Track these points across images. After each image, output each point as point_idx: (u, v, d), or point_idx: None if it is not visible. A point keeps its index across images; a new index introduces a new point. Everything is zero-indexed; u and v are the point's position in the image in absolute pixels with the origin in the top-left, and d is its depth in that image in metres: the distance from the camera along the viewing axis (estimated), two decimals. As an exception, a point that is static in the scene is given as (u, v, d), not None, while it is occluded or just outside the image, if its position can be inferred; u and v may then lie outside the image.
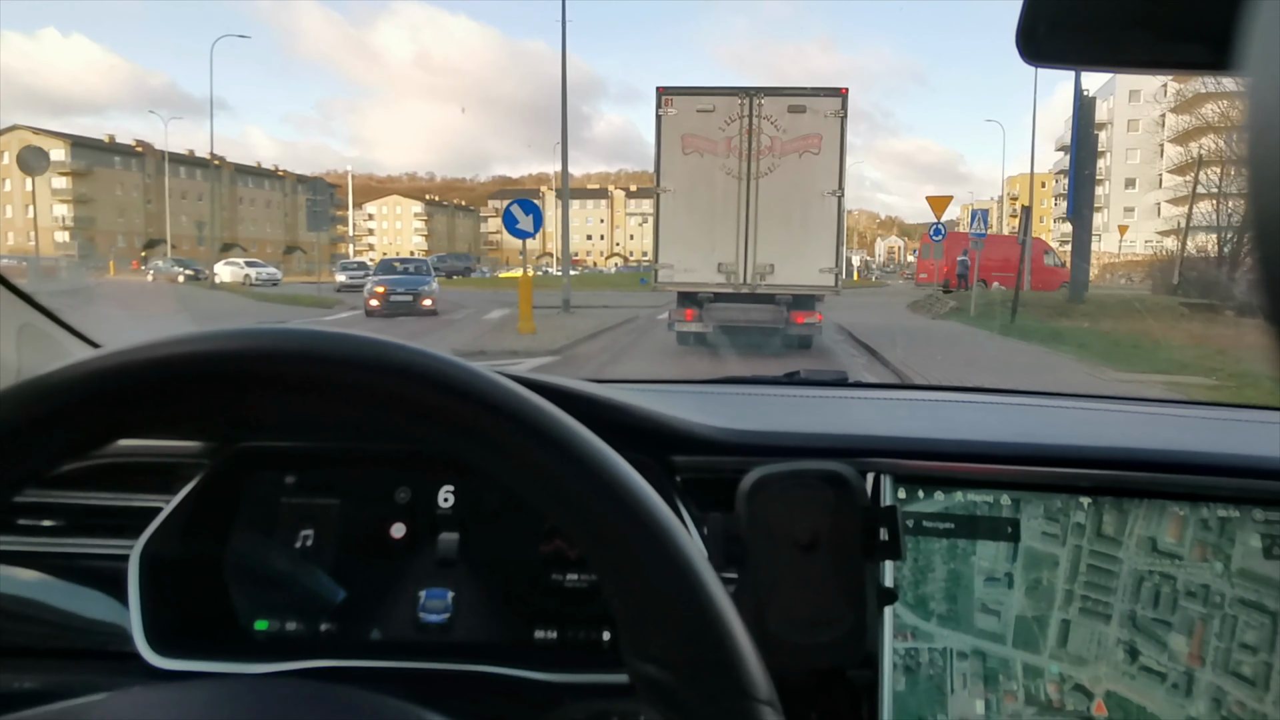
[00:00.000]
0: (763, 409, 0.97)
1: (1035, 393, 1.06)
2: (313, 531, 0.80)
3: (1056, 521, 0.74)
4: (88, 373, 0.33)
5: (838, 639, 0.67)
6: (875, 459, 0.75)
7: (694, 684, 0.32)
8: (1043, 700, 0.72)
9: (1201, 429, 0.88)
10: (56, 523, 0.81)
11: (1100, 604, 0.72)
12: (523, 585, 0.78)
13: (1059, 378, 7.36)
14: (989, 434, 0.81)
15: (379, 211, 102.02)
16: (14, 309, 0.84)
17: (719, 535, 0.68)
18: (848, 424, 0.87)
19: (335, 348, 0.34)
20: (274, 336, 0.34)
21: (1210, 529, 0.70)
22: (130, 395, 0.33)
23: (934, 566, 0.76)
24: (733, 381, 1.15)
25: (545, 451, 0.34)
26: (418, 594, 0.78)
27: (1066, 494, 0.74)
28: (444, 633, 0.77)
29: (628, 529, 0.33)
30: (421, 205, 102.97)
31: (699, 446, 0.79)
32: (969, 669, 0.74)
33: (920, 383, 1.10)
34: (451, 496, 0.81)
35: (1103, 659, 0.71)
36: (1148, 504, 0.72)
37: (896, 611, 0.75)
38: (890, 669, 0.75)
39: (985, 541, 0.75)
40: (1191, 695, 0.68)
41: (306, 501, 0.81)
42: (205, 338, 0.34)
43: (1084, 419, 0.94)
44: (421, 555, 0.79)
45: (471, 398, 0.34)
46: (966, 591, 0.75)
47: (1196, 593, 0.69)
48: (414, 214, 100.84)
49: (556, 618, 0.77)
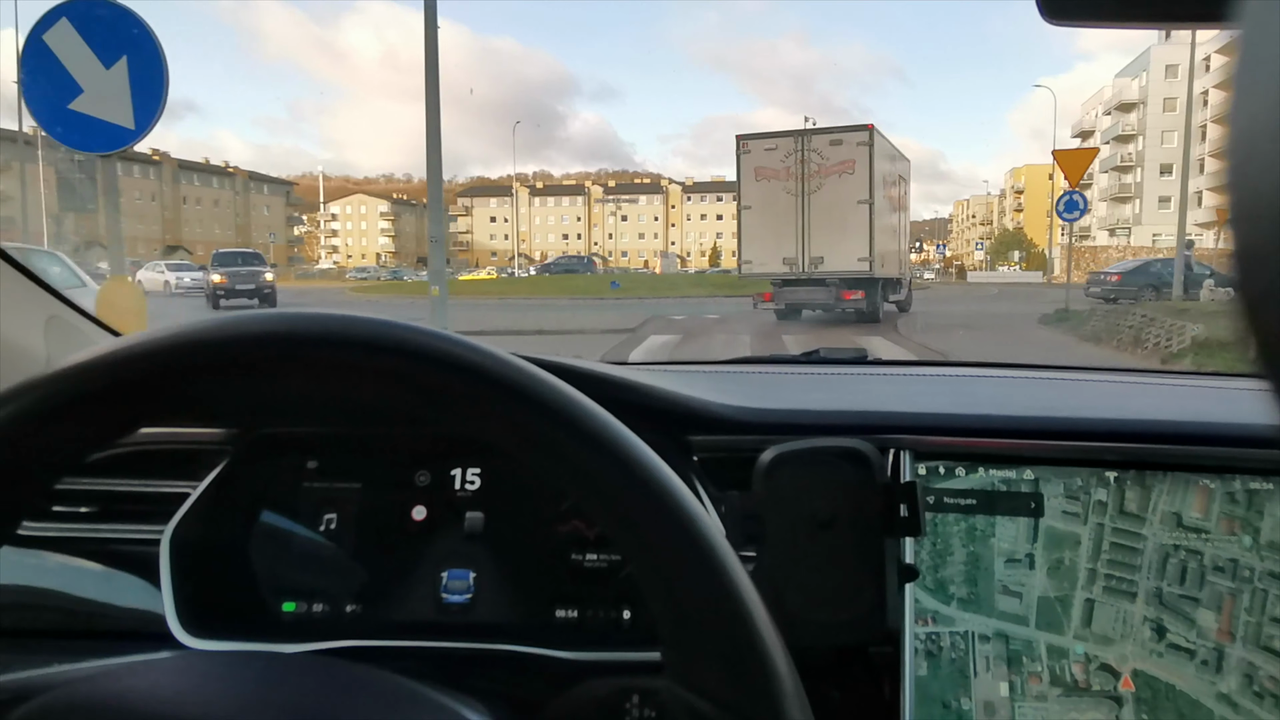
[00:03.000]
0: (780, 387, 1.00)
1: (1059, 367, 1.09)
2: (335, 515, 0.84)
3: (1077, 500, 0.76)
4: (131, 354, 0.35)
5: (858, 616, 0.69)
6: (895, 435, 0.78)
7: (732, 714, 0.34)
8: (1068, 681, 0.74)
9: (1235, 400, 0.89)
10: (90, 509, 0.87)
11: (1125, 582, 0.74)
12: (543, 565, 0.82)
13: None
14: (1011, 409, 0.83)
15: (343, 211, 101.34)
16: (42, 302, 0.88)
17: (736, 514, 0.70)
18: (866, 400, 0.89)
19: (351, 330, 0.35)
20: (285, 320, 0.36)
21: (1238, 502, 0.72)
22: (178, 376, 0.35)
23: (953, 549, 0.78)
24: (750, 361, 1.18)
25: (586, 450, 0.35)
26: (439, 575, 0.82)
27: (1092, 469, 0.76)
28: (466, 613, 0.81)
29: (666, 533, 0.35)
30: (388, 204, 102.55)
31: (716, 425, 0.82)
32: (992, 652, 0.76)
33: (941, 360, 1.14)
34: (471, 479, 0.85)
35: (1129, 638, 0.73)
36: (1172, 478, 0.74)
37: (916, 596, 0.77)
38: (911, 653, 0.77)
39: (1005, 522, 0.77)
40: (1222, 671, 0.70)
41: (328, 486, 0.85)
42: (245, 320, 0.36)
43: (1111, 392, 0.96)
44: (442, 537, 0.83)
45: (505, 388, 0.35)
46: (987, 574, 0.77)
47: (1224, 567, 0.71)
48: (380, 213, 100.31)
49: (577, 597, 0.81)
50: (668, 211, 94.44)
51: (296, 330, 0.35)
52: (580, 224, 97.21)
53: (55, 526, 0.86)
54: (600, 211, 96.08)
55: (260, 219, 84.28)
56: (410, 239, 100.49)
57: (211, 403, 0.36)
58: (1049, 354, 9.87)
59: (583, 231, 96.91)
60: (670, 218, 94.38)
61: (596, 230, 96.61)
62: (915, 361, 1.18)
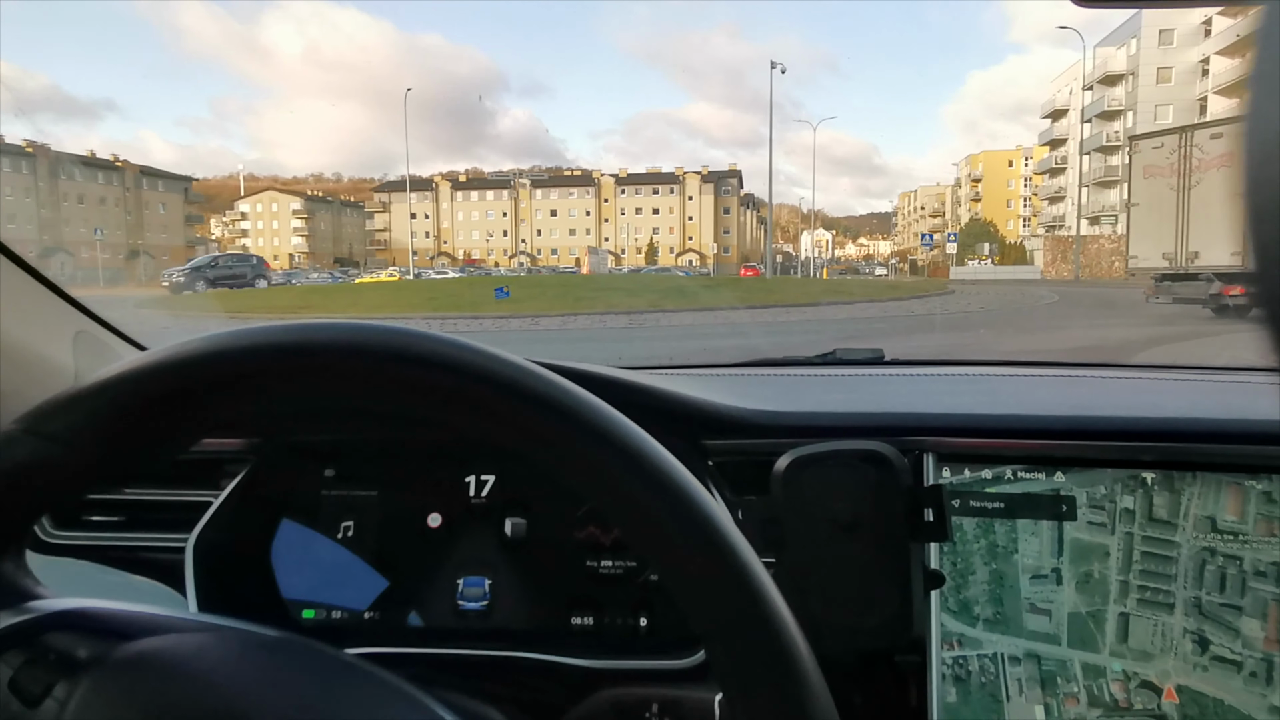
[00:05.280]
0: (797, 390, 1.01)
1: (1087, 364, 1.09)
2: (353, 522, 0.88)
3: (1102, 509, 0.74)
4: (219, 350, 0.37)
5: (883, 622, 0.69)
6: (916, 437, 0.78)
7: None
8: (1108, 701, 0.72)
9: (1272, 395, 0.88)
10: (118, 518, 0.92)
11: (1160, 593, 0.72)
12: (559, 572, 0.85)
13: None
14: (1037, 407, 0.82)
15: (253, 210, 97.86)
16: (69, 316, 0.92)
17: (756, 520, 0.70)
18: (886, 402, 0.89)
19: (373, 340, 0.37)
20: (295, 332, 0.37)
21: (1275, 501, 0.71)
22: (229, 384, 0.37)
23: (974, 568, 0.76)
24: (766, 364, 1.20)
25: (612, 459, 0.36)
26: (456, 581, 0.86)
27: (1122, 469, 0.74)
28: (483, 619, 0.84)
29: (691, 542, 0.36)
30: (300, 202, 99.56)
31: (732, 429, 0.84)
32: (1024, 674, 0.74)
33: (961, 359, 1.13)
34: (487, 486, 0.88)
35: (1169, 652, 0.71)
36: (1202, 480, 0.73)
37: (941, 620, 0.74)
38: (939, 679, 0.74)
39: (1027, 535, 0.75)
40: (1272, 683, 0.69)
41: (346, 493, 0.89)
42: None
43: (1142, 389, 0.96)
44: (459, 543, 0.87)
45: (521, 394, 0.36)
46: (1012, 592, 0.75)
47: (1266, 571, 0.70)
48: (292, 211, 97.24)
49: (593, 604, 0.84)
50: (600, 206, 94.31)
51: (306, 341, 0.37)
52: (507, 220, 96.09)
53: (89, 536, 0.91)
54: (528, 207, 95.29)
55: (155, 218, 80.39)
56: (326, 238, 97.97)
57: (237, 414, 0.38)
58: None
59: (509, 228, 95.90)
60: (603, 212, 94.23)
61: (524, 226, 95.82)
62: (934, 361, 1.17)
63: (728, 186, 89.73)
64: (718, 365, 1.18)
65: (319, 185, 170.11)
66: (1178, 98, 45.34)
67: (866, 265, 79.81)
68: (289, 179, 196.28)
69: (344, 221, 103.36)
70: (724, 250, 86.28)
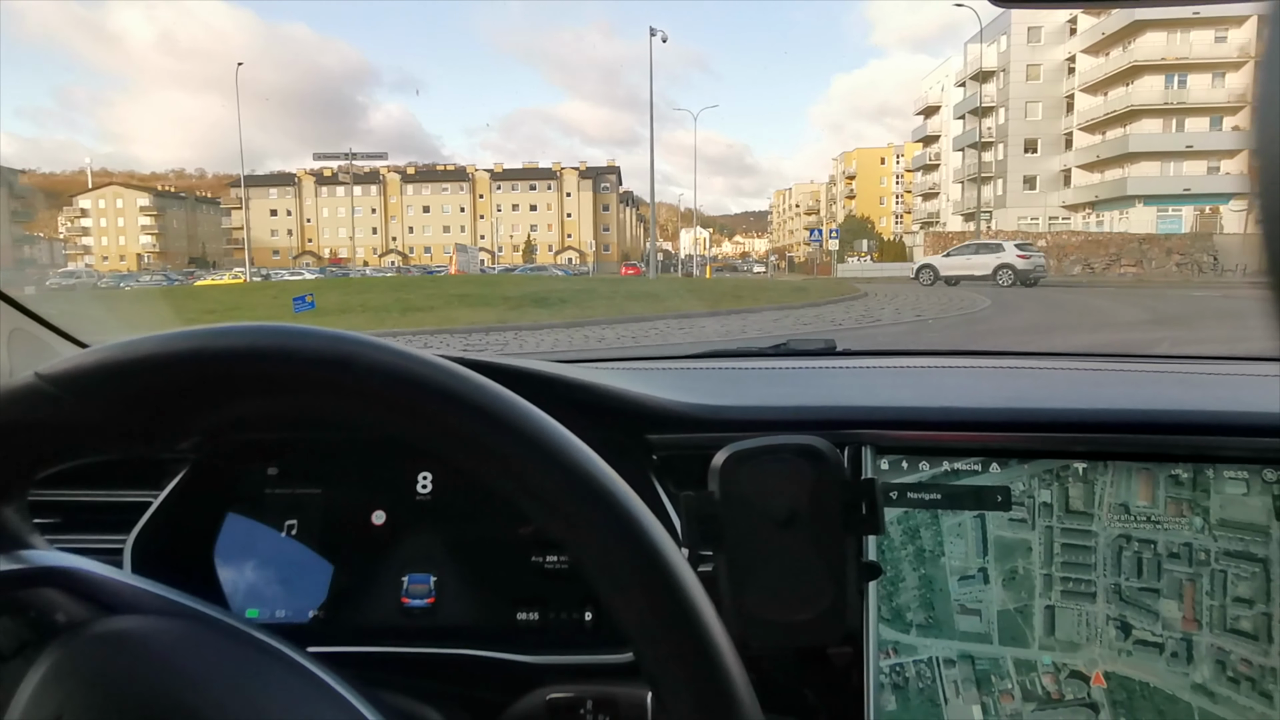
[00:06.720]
0: (743, 383, 1.03)
1: (1034, 354, 1.12)
2: (297, 521, 0.88)
3: (1023, 505, 0.76)
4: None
5: (817, 616, 0.70)
6: (856, 430, 0.79)
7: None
8: (1040, 694, 0.73)
9: (1209, 386, 0.93)
10: (52, 520, 0.91)
11: (1082, 583, 0.75)
12: (504, 567, 0.86)
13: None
14: (976, 400, 0.84)
15: (95, 206, 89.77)
16: (4, 314, 0.91)
17: (694, 514, 0.70)
18: (829, 395, 0.90)
19: (309, 345, 0.37)
20: (242, 334, 0.38)
21: (1183, 484, 0.75)
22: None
23: (904, 575, 0.77)
24: (716, 355, 1.20)
25: (524, 455, 0.36)
26: (401, 579, 0.85)
27: (1055, 460, 0.77)
28: (428, 617, 0.85)
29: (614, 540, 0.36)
30: (149, 198, 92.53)
31: (674, 424, 0.85)
32: (959, 675, 0.75)
33: (911, 349, 1.16)
34: (430, 482, 0.89)
35: (1095, 640, 0.74)
36: (1115, 468, 0.76)
37: (878, 629, 0.75)
38: (876, 688, 0.74)
39: (954, 539, 0.77)
40: (1193, 661, 0.72)
41: (290, 491, 0.89)
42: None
43: (1081, 380, 0.99)
44: (403, 541, 0.87)
45: (455, 402, 0.37)
46: (942, 595, 0.76)
47: (1179, 553, 0.74)
48: (140, 208, 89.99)
49: (538, 599, 0.85)
50: (475, 202, 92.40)
51: (257, 345, 0.37)
52: (375, 216, 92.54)
53: None
54: (399, 203, 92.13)
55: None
56: (180, 237, 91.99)
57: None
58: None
59: (378, 225, 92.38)
60: (479, 209, 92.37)
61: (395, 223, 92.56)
62: (884, 351, 1.19)
63: (606, 183, 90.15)
64: (667, 357, 1.18)
65: (181, 182, 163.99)
66: (1046, 95, 46.22)
67: (744, 263, 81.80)
68: (146, 175, 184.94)
69: (199, 219, 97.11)
70: (604, 248, 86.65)
